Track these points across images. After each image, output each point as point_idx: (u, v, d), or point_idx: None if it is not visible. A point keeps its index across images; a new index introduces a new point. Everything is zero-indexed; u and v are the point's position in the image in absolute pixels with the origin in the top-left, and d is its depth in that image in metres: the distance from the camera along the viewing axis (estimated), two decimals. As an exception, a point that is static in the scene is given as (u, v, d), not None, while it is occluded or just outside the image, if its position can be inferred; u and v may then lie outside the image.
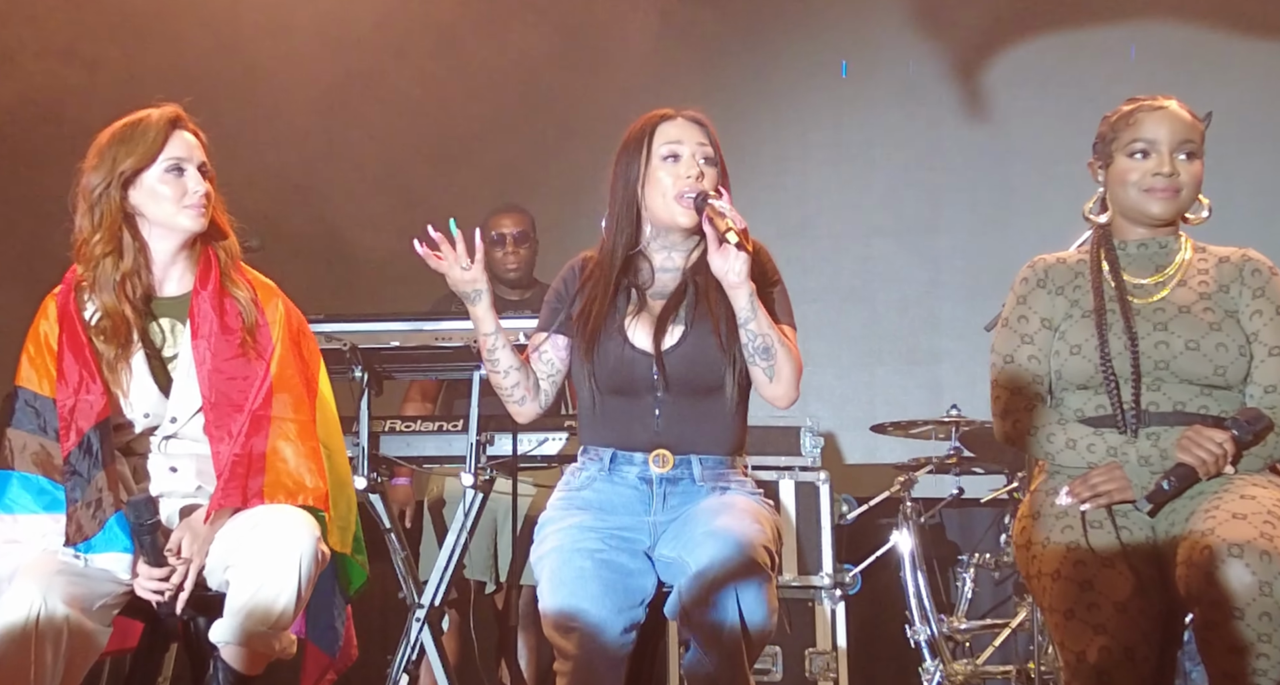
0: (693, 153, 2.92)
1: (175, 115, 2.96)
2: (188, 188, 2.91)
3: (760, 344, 2.85)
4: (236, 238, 3.05)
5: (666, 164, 2.92)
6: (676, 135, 2.93)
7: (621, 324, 2.92)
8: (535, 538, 2.91)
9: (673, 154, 2.92)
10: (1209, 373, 2.82)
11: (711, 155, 2.94)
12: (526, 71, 6.06)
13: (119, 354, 2.89)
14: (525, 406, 2.99)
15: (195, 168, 2.93)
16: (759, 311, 2.84)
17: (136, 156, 2.90)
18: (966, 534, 5.66)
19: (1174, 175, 2.87)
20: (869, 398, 5.96)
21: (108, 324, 2.89)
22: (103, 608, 2.75)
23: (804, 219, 6.08)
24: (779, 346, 2.86)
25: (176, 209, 2.91)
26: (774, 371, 2.87)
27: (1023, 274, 3.04)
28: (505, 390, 2.97)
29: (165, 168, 2.91)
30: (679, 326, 2.92)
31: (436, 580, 4.04)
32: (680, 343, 2.90)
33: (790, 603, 4.76)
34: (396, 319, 4.05)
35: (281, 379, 2.95)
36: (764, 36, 6.11)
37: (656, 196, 2.92)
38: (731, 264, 2.80)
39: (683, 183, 2.89)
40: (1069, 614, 2.67)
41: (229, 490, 2.84)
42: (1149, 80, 5.46)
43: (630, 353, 2.90)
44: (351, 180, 5.99)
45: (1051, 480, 2.90)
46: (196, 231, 2.94)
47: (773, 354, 2.86)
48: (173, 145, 2.93)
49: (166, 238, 2.96)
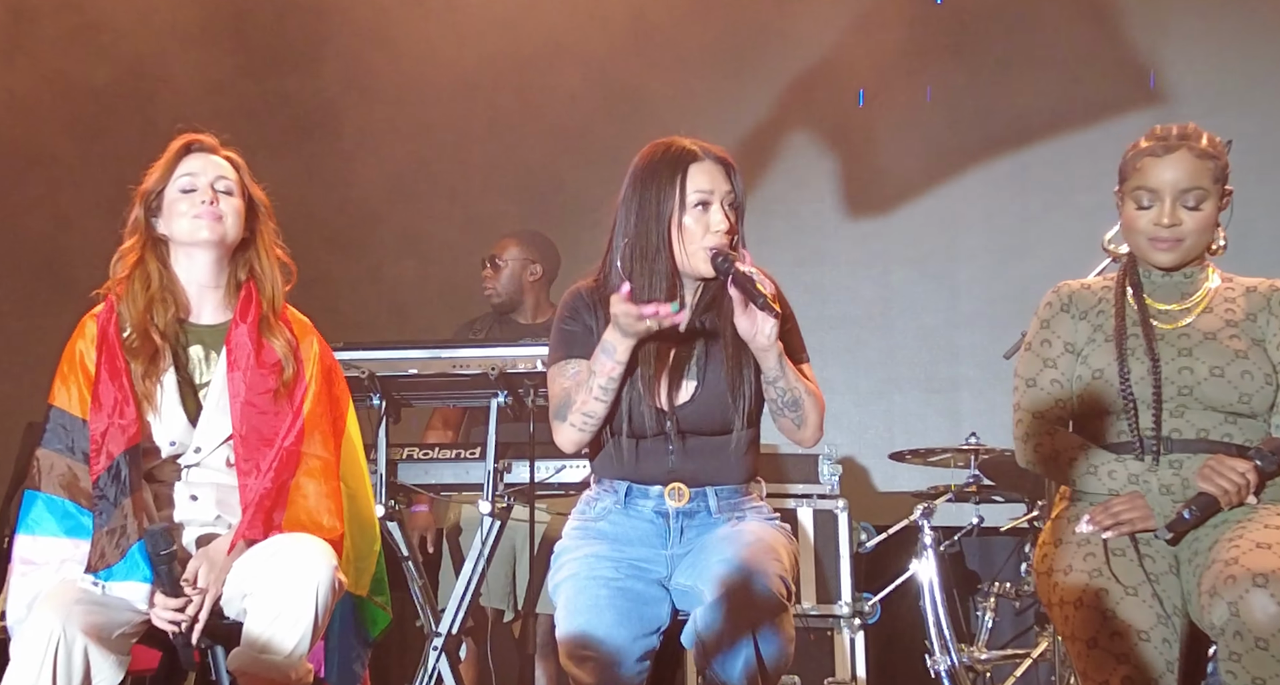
0: (722, 200, 2.88)
1: (191, 139, 3.01)
2: (198, 200, 2.94)
3: (789, 398, 2.85)
4: (282, 275, 3.05)
5: (696, 212, 2.87)
6: (707, 183, 2.88)
7: (635, 372, 2.87)
8: (552, 566, 2.91)
9: (703, 202, 2.87)
10: (1233, 400, 2.80)
11: (736, 201, 2.91)
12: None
13: (149, 372, 2.90)
14: (587, 437, 2.90)
15: (210, 184, 2.96)
16: (786, 367, 2.83)
17: (154, 178, 2.98)
18: (986, 563, 5.63)
19: (1175, 226, 2.85)
20: (887, 425, 5.94)
21: (135, 341, 2.91)
22: (121, 636, 2.75)
23: (822, 246, 6.08)
24: (805, 396, 2.86)
25: (188, 222, 2.94)
26: (801, 420, 2.88)
27: (1047, 299, 3.03)
28: (594, 420, 2.85)
29: (180, 187, 2.96)
30: (691, 381, 2.89)
31: (454, 608, 4.04)
32: (693, 399, 2.88)
33: (809, 631, 4.73)
34: (414, 346, 4.06)
35: (313, 417, 2.97)
36: (779, 64, 6.12)
37: (684, 244, 2.88)
38: (761, 327, 2.78)
39: (712, 237, 2.86)
40: (1091, 643, 2.65)
41: (254, 523, 2.85)
42: (1169, 108, 5.49)
43: (645, 407, 2.86)
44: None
45: (1073, 507, 2.88)
46: (212, 241, 2.95)
47: (800, 404, 2.86)
48: (186, 164, 2.98)
49: (192, 257, 2.98)
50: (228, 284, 3.02)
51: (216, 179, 2.98)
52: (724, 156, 2.92)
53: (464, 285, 5.38)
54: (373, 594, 3.08)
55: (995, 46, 6.02)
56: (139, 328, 2.91)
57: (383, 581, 3.12)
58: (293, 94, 6.16)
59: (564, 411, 2.88)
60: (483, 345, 4.17)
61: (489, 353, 4.01)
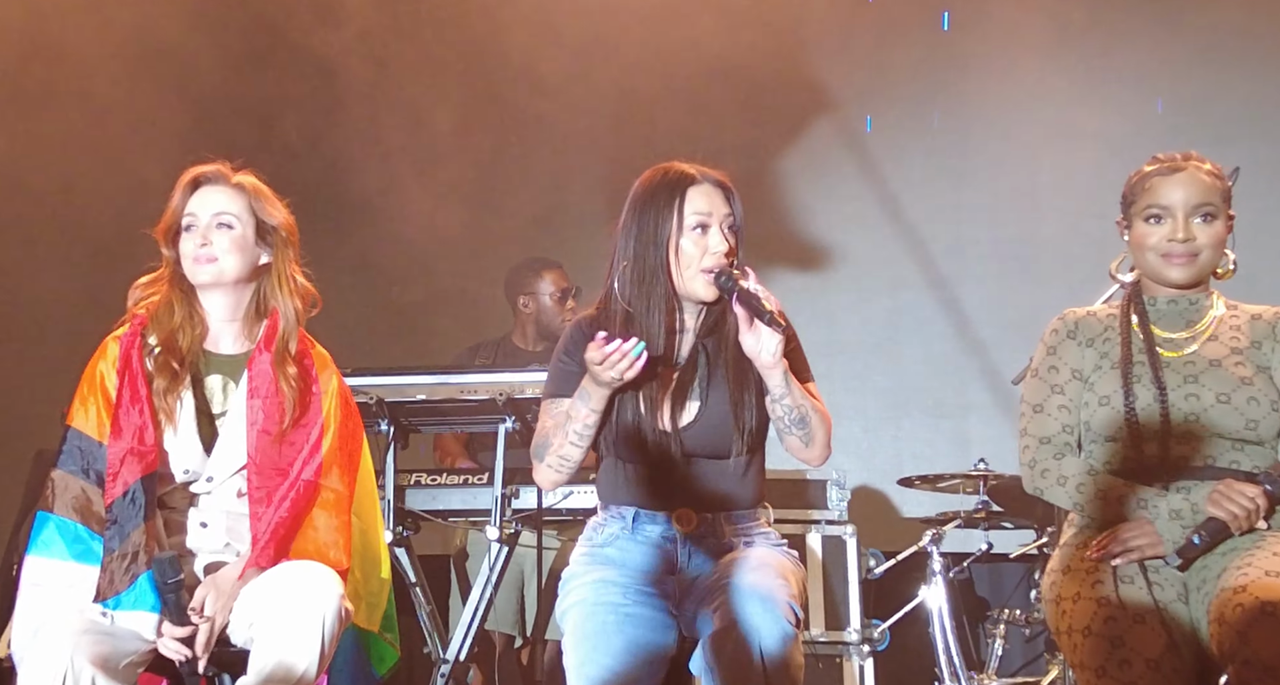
0: (720, 223, 2.88)
1: (197, 175, 3.01)
2: (193, 242, 2.96)
3: (795, 416, 2.85)
4: (304, 300, 3.05)
5: (694, 234, 2.87)
6: (705, 206, 2.88)
7: (638, 394, 2.87)
8: (560, 592, 2.90)
9: (701, 224, 2.87)
10: (1240, 427, 2.80)
11: (735, 223, 2.91)
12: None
13: (170, 388, 2.90)
14: (564, 478, 2.92)
15: (207, 223, 2.96)
16: (792, 385, 2.83)
17: (167, 215, 2.99)
18: (996, 589, 5.62)
19: (1190, 240, 2.86)
20: (896, 451, 5.93)
21: (160, 360, 2.92)
22: (128, 666, 2.75)
23: (831, 271, 6.08)
24: (812, 413, 2.86)
25: (189, 264, 2.97)
26: (809, 437, 2.87)
27: (1053, 326, 3.03)
28: (570, 463, 2.88)
29: (185, 225, 2.98)
30: (695, 402, 2.89)
31: (461, 634, 4.03)
32: (697, 420, 2.88)
33: (818, 658, 4.72)
34: (422, 372, 4.07)
35: (331, 451, 2.98)
36: (789, 91, 6.14)
37: (681, 267, 2.88)
38: (765, 344, 2.78)
39: (711, 259, 2.86)
40: (1100, 671, 2.64)
41: (264, 553, 2.86)
42: (1176, 133, 5.49)
43: (650, 431, 2.86)
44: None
45: (1081, 534, 2.88)
46: (207, 283, 2.96)
47: (808, 422, 2.86)
48: (191, 202, 2.99)
49: (204, 293, 3.00)
50: (246, 314, 3.02)
51: (216, 215, 2.97)
52: (722, 180, 2.92)
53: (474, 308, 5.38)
54: (383, 630, 3.07)
55: (998, 70, 6.04)
56: (165, 346, 2.93)
57: (392, 618, 3.11)
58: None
59: (541, 452, 2.90)
60: (490, 371, 4.19)
61: (497, 378, 4.02)
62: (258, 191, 3.02)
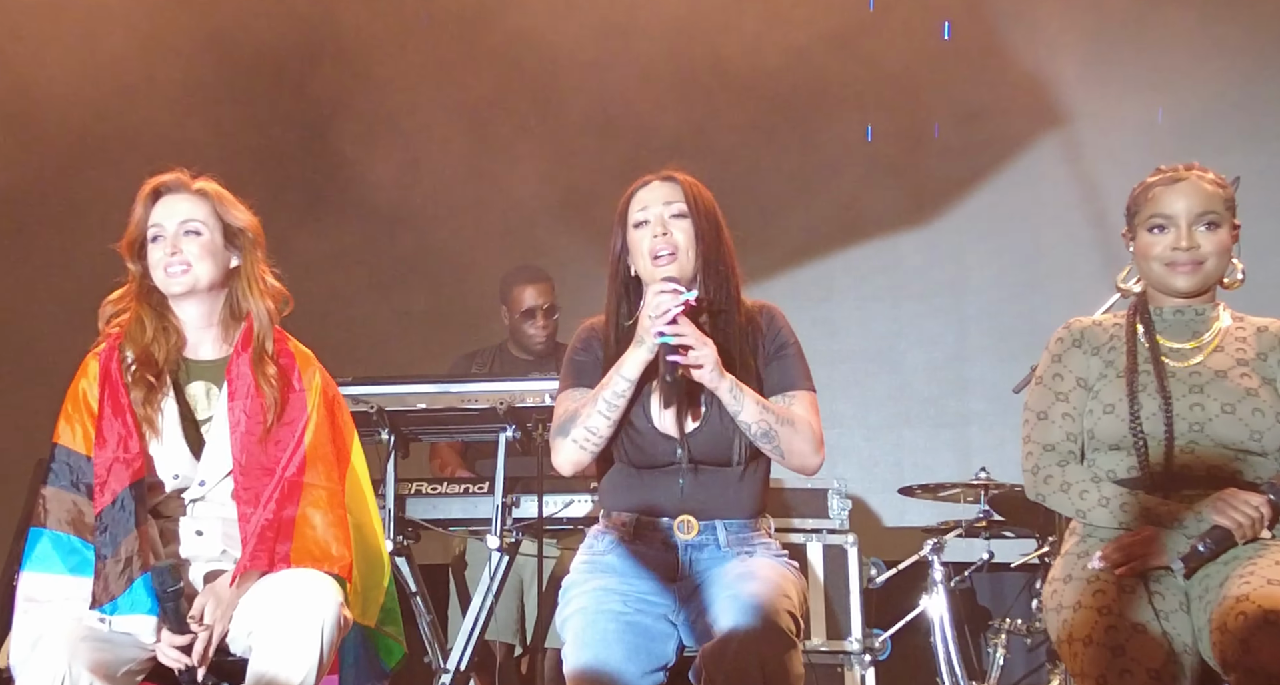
0: (660, 213, 2.95)
1: (157, 184, 3.01)
2: (162, 251, 2.96)
3: (757, 431, 2.86)
4: (276, 301, 3.05)
5: (639, 230, 2.96)
6: (645, 199, 2.98)
7: (646, 406, 2.91)
8: (560, 600, 2.90)
9: (644, 219, 2.96)
10: (1244, 438, 2.80)
11: (682, 209, 2.96)
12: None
13: (149, 399, 2.90)
14: (586, 457, 2.92)
15: (175, 231, 2.96)
16: (745, 400, 2.83)
17: (131, 228, 3.00)
18: (998, 599, 5.61)
19: (1194, 248, 2.87)
20: (897, 460, 5.93)
21: (137, 372, 2.92)
22: (127, 673, 2.75)
23: (832, 281, 6.09)
24: (779, 427, 2.86)
25: (161, 274, 2.97)
26: (782, 450, 2.88)
27: (1058, 334, 3.03)
28: (596, 437, 2.88)
29: (150, 236, 2.98)
30: (700, 409, 2.91)
31: (461, 644, 4.02)
32: (703, 425, 2.90)
33: (819, 668, 4.70)
34: (423, 381, 4.06)
35: (315, 447, 2.97)
36: (789, 101, 6.15)
37: (639, 262, 2.97)
38: (701, 375, 2.82)
39: (650, 242, 2.93)
40: (1101, 680, 2.63)
41: (257, 554, 2.85)
42: (1177, 145, 5.50)
43: (655, 436, 2.90)
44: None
45: (1083, 543, 2.87)
46: (181, 293, 2.96)
47: (774, 436, 2.86)
48: (154, 213, 2.99)
49: (177, 303, 3.00)
50: (222, 318, 3.03)
51: (182, 223, 2.97)
52: (671, 173, 3.01)
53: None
54: (382, 624, 3.07)
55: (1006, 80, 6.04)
56: (141, 361, 2.93)
57: (394, 612, 3.11)
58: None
59: (566, 428, 2.91)
60: (491, 380, 4.18)
61: (497, 387, 4.02)
62: (220, 196, 3.03)
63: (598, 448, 2.90)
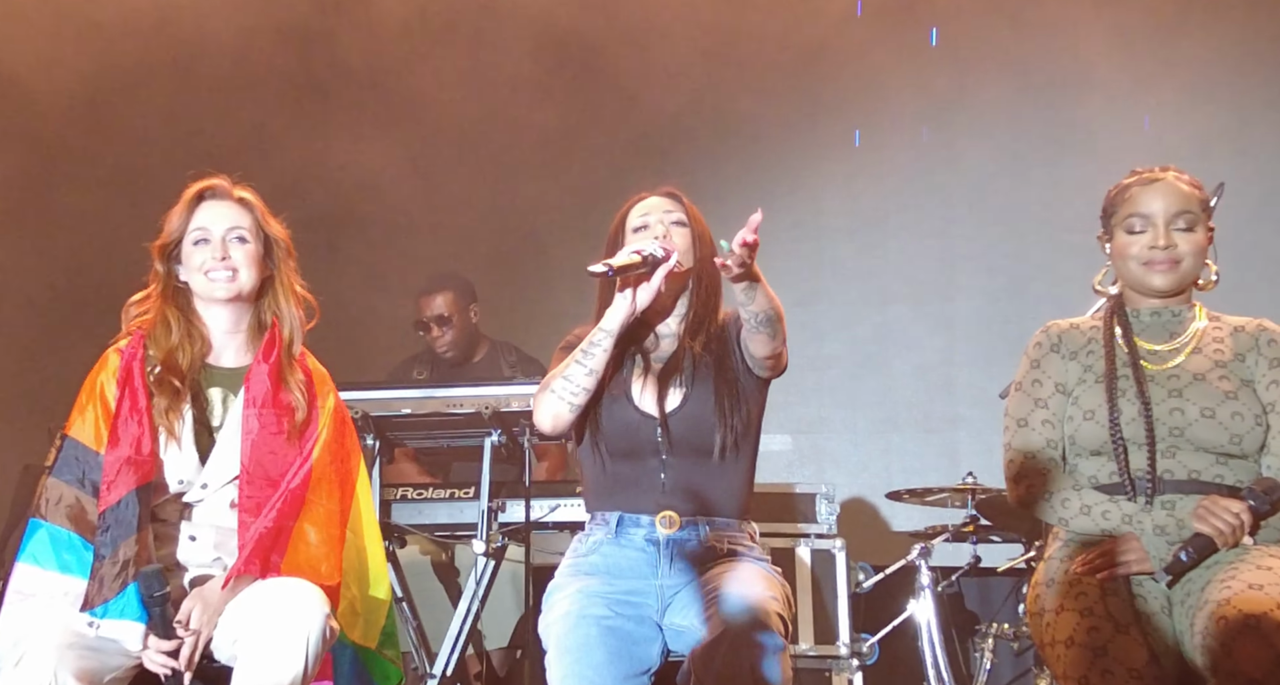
0: (660, 219, 3.03)
1: (204, 187, 3.02)
2: (210, 255, 2.96)
3: (764, 317, 2.84)
4: (304, 312, 3.06)
5: (638, 234, 3.03)
6: (647, 208, 3.06)
7: (628, 388, 2.97)
8: (544, 606, 2.90)
9: (643, 224, 3.04)
10: (1224, 441, 2.80)
11: (682, 218, 3.05)
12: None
13: (172, 407, 2.90)
14: (569, 412, 2.92)
15: (222, 237, 2.97)
16: (758, 292, 2.79)
17: (169, 229, 3.01)
18: (985, 603, 5.60)
19: (1171, 247, 2.88)
20: (885, 465, 5.93)
21: (161, 377, 2.92)
22: (112, 680, 2.74)
23: (819, 286, 6.09)
24: (776, 312, 2.86)
25: (203, 278, 2.97)
26: (775, 332, 2.87)
27: (1036, 338, 3.03)
28: (572, 385, 2.90)
29: (193, 239, 2.99)
30: (680, 389, 2.96)
31: (448, 650, 4.02)
32: (682, 405, 2.94)
33: (807, 672, 4.70)
34: (408, 386, 4.07)
35: (321, 466, 2.97)
36: (776, 106, 6.15)
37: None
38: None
39: (646, 238, 2.97)
40: (1083, 682, 2.64)
41: (250, 561, 2.84)
42: (1163, 150, 5.50)
43: (636, 415, 2.94)
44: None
45: (1065, 547, 2.88)
46: (227, 298, 2.97)
47: (775, 320, 2.85)
48: (199, 214, 3.00)
49: (210, 308, 3.01)
50: (249, 327, 3.04)
51: (230, 229, 2.99)
52: (670, 190, 3.10)
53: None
54: (383, 647, 3.06)
55: (992, 86, 6.06)
56: (166, 365, 2.93)
57: (394, 636, 3.10)
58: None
59: (547, 381, 2.95)
60: (476, 384, 4.18)
61: (482, 392, 4.02)
62: (260, 207, 3.06)
63: (574, 401, 2.90)
